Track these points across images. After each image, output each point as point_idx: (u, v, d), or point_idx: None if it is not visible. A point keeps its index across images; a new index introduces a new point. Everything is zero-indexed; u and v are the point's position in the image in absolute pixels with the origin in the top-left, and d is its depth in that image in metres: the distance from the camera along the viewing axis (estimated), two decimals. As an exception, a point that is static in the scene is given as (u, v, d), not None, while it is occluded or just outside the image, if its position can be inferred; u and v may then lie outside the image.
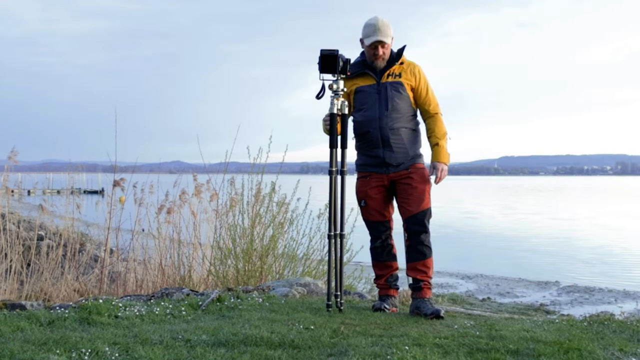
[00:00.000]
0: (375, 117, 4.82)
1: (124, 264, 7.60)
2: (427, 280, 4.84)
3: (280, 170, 7.89)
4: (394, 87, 4.82)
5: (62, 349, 3.44)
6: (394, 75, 4.84)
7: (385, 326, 4.29)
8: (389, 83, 4.83)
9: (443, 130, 4.91)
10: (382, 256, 4.99)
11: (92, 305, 4.47)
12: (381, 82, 4.84)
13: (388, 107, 4.80)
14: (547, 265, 15.80)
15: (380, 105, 4.82)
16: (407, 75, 4.85)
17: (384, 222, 4.97)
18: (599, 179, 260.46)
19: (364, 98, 4.87)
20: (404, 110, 4.84)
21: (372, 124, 4.83)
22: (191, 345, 3.61)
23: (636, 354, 3.66)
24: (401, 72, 4.86)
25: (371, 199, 4.93)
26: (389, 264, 5.00)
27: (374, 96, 4.84)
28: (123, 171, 8.43)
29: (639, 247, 20.00)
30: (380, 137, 4.83)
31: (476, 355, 3.54)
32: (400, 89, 4.82)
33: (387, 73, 4.84)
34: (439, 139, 4.88)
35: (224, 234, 7.33)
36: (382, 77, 4.84)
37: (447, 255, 17.52)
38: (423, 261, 4.84)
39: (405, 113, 4.85)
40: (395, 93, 4.81)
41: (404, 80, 4.84)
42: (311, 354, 3.54)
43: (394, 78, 4.84)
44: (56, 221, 9.28)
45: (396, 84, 4.82)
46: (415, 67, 4.90)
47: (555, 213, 37.13)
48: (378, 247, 4.99)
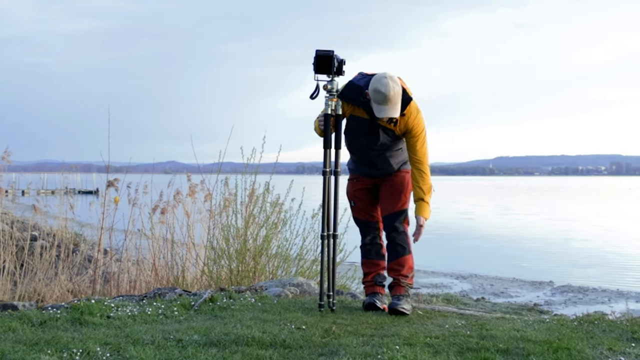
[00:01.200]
0: (362, 145, 4.91)
1: (118, 265, 7.60)
2: (399, 278, 4.93)
3: (274, 170, 7.90)
4: (385, 132, 4.82)
5: (54, 349, 3.45)
6: (389, 122, 4.77)
7: (377, 326, 4.30)
8: (381, 126, 4.80)
9: (429, 184, 4.86)
10: (371, 254, 5.06)
11: (84, 306, 4.47)
12: (374, 122, 4.80)
13: (377, 143, 4.85)
14: (542, 266, 15.83)
15: (369, 139, 4.85)
16: (401, 124, 4.78)
17: (371, 222, 5.07)
18: (594, 179, 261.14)
19: (356, 126, 4.89)
20: (391, 145, 4.90)
21: (360, 149, 4.95)
22: (183, 345, 3.62)
23: (625, 353, 3.69)
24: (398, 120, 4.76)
25: (359, 200, 5.08)
26: (376, 262, 5.05)
27: (364, 129, 4.84)
28: (118, 171, 8.44)
29: (633, 247, 20.06)
30: (367, 160, 4.98)
31: (466, 354, 3.55)
32: (390, 134, 4.83)
33: None
34: (425, 194, 4.83)
35: (218, 234, 7.34)
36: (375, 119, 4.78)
37: (442, 255, 17.55)
38: (397, 260, 4.93)
39: (392, 145, 4.91)
40: (385, 136, 4.83)
41: (398, 128, 4.80)
42: (302, 354, 3.56)
43: (387, 124, 4.79)
44: (50, 221, 9.28)
45: (388, 130, 4.81)
46: (411, 116, 4.78)
47: (550, 213, 37.19)
48: (367, 244, 5.07)
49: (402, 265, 4.93)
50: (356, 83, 4.78)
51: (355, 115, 4.84)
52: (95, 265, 7.33)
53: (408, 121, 4.77)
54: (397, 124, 4.78)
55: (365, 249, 5.08)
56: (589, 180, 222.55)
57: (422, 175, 4.84)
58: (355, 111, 4.84)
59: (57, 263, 7.23)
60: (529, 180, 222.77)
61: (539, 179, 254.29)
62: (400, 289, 4.92)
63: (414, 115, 4.78)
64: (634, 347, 3.81)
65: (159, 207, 7.83)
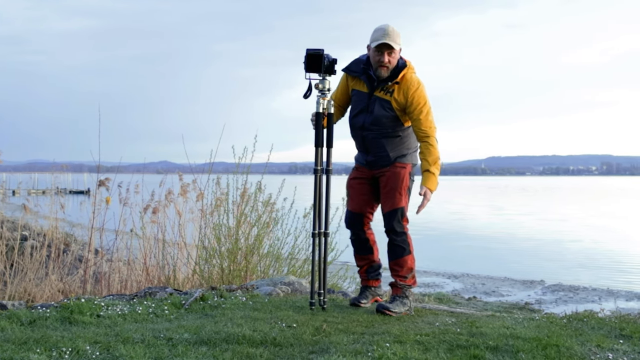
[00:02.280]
0: (359, 126, 4.86)
1: (109, 265, 7.58)
2: (396, 279, 4.86)
3: (266, 170, 7.90)
4: (381, 104, 4.76)
5: (43, 348, 3.44)
6: (386, 91, 4.75)
7: (368, 324, 4.31)
8: (378, 98, 4.77)
9: (435, 155, 4.76)
10: (357, 249, 5.05)
11: (74, 305, 4.46)
12: (372, 95, 4.80)
13: (372, 120, 4.79)
14: (533, 265, 15.91)
15: (365, 116, 4.82)
16: (398, 95, 4.74)
17: (358, 214, 4.97)
18: (585, 179, 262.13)
19: (356, 103, 4.89)
20: (387, 124, 4.80)
21: (357, 131, 4.90)
22: (173, 344, 3.62)
23: (613, 349, 3.71)
24: (394, 89, 4.74)
25: (353, 189, 5.03)
26: (365, 256, 5.03)
27: (362, 104, 4.83)
28: (109, 171, 8.42)
29: (624, 247, 20.16)
30: (363, 144, 4.91)
31: (456, 351, 3.57)
32: (386, 107, 4.76)
33: (381, 87, 4.76)
34: (431, 165, 4.74)
35: (209, 234, 7.33)
36: (374, 90, 4.78)
37: (434, 255, 17.59)
38: (395, 260, 4.87)
39: (388, 126, 4.81)
40: (380, 110, 4.76)
41: (394, 99, 4.74)
42: (293, 352, 3.57)
43: (384, 94, 4.76)
44: (40, 221, 9.24)
45: (384, 102, 4.76)
46: (410, 86, 4.73)
47: (542, 213, 37.34)
48: (354, 239, 5.06)
49: (401, 266, 4.86)
50: (361, 57, 4.88)
51: (356, 89, 4.88)
52: (86, 265, 7.32)
53: (407, 91, 4.71)
54: (394, 94, 4.72)
55: (353, 244, 5.08)
56: (580, 180, 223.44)
57: (429, 148, 4.74)
58: (356, 85, 4.88)
59: (47, 263, 7.21)
60: (521, 180, 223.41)
61: (530, 179, 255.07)
62: (397, 290, 4.87)
63: (414, 87, 4.72)
64: (621, 344, 3.83)
65: (151, 206, 7.81)
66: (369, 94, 4.80)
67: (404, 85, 4.73)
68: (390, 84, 4.73)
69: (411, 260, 4.89)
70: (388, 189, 4.85)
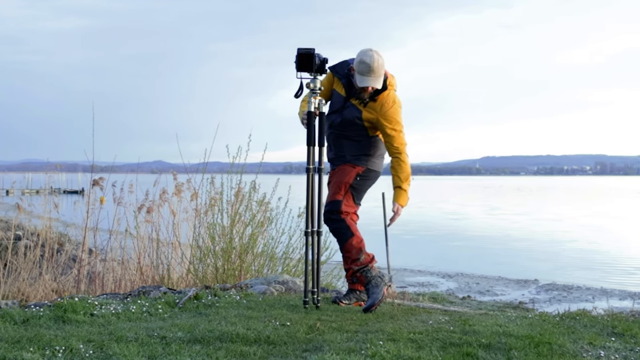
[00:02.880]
0: (329, 124, 5.01)
1: (103, 264, 7.57)
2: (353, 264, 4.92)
3: (260, 169, 7.90)
4: (352, 113, 4.93)
5: (36, 346, 3.44)
6: (361, 101, 4.90)
7: (361, 322, 4.32)
8: (352, 105, 4.93)
9: (407, 172, 4.94)
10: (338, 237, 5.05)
11: (67, 304, 4.46)
12: (348, 100, 4.95)
13: (339, 120, 4.96)
14: (527, 264, 15.95)
15: (336, 117, 4.98)
16: (372, 108, 4.88)
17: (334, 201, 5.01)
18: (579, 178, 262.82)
19: (333, 103, 5.05)
20: (352, 129, 4.97)
21: (328, 129, 5.03)
22: (166, 342, 3.62)
23: (605, 347, 3.73)
24: (369, 101, 4.88)
25: None
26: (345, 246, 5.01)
27: (338, 106, 5.00)
28: (103, 171, 8.41)
29: (617, 246, 20.22)
30: (328, 141, 5.05)
31: (449, 349, 3.58)
32: (356, 116, 4.92)
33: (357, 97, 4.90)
34: (402, 182, 4.91)
35: (204, 233, 7.33)
36: (351, 97, 4.93)
37: (429, 255, 17.63)
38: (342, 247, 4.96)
39: (352, 131, 4.97)
40: (350, 115, 4.93)
41: (367, 110, 4.89)
42: (286, 350, 3.57)
43: (359, 104, 4.91)
44: (34, 221, 9.22)
45: (356, 110, 4.92)
46: (385, 103, 4.87)
47: (537, 213, 37.42)
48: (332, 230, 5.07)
49: (349, 250, 4.92)
50: (348, 60, 4.98)
51: (336, 91, 5.01)
52: (80, 265, 7.31)
53: (382, 109, 4.86)
54: (368, 107, 4.87)
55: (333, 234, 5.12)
56: (574, 180, 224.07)
57: (400, 164, 4.90)
58: (337, 86, 5.00)
59: (41, 263, 7.20)
60: (515, 179, 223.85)
61: (524, 179, 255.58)
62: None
63: (390, 104, 4.87)
64: (613, 342, 3.85)
65: (145, 206, 7.81)
66: (345, 98, 4.96)
67: (378, 102, 4.87)
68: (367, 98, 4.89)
69: (356, 241, 4.92)
70: (332, 183, 5.01)
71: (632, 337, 3.97)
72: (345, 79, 4.94)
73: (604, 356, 3.54)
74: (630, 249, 19.41)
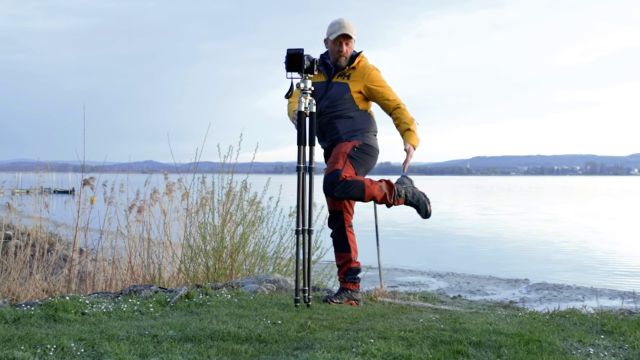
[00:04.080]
0: (318, 112, 4.99)
1: (93, 264, 7.56)
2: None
3: (252, 169, 7.90)
4: (338, 87, 5.02)
5: (27, 345, 3.43)
6: (343, 76, 5.03)
7: (352, 320, 4.34)
8: (336, 83, 5.04)
9: (410, 117, 5.05)
10: (335, 246, 5.18)
11: (58, 303, 4.45)
12: (330, 81, 5.05)
13: (327, 103, 5.01)
14: (517, 264, 16.00)
15: (322, 102, 5.03)
16: (355, 77, 5.02)
17: (335, 211, 5.13)
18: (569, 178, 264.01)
19: (315, 94, 5.01)
20: (341, 105, 5.01)
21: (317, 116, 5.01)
22: (158, 341, 3.62)
23: (594, 344, 3.76)
24: (351, 73, 5.03)
25: None
26: (341, 254, 5.14)
27: (321, 93, 5.05)
28: (94, 171, 8.39)
29: (608, 246, 20.32)
30: (319, 130, 5.07)
31: (439, 347, 3.60)
32: (343, 88, 5.00)
33: (338, 74, 5.05)
34: (408, 124, 5.02)
35: (195, 232, 7.33)
36: (332, 77, 5.06)
37: (420, 254, 17.67)
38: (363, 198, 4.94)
39: (342, 107, 5.02)
40: (336, 92, 5.00)
41: (352, 81, 5.01)
42: (277, 348, 3.58)
43: (342, 79, 5.03)
44: (24, 221, 9.20)
45: (341, 85, 5.01)
46: (366, 69, 5.04)
47: (528, 213, 37.53)
48: (333, 236, 5.19)
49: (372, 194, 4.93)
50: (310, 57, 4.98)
51: (316, 82, 5.02)
52: (71, 265, 7.29)
53: (365, 74, 5.00)
54: (352, 79, 4.99)
55: (332, 239, 5.21)
56: (565, 179, 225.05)
57: (402, 112, 5.04)
58: (315, 78, 5.02)
59: (31, 262, 7.18)
60: (506, 179, 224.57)
61: (515, 179, 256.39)
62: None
63: (370, 69, 5.05)
64: (602, 339, 3.88)
65: (136, 205, 7.80)
66: (327, 81, 5.06)
67: (360, 70, 5.03)
68: (347, 68, 5.02)
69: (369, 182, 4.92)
70: (331, 157, 4.99)
71: (621, 335, 4.00)
72: (322, 65, 5.05)
73: (593, 353, 3.57)
74: (620, 249, 19.51)
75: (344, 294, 5.12)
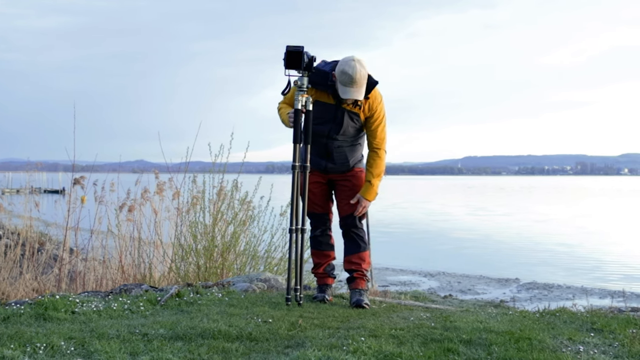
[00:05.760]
0: (324, 133, 4.94)
1: (84, 264, 7.53)
2: (361, 271, 5.07)
3: (243, 169, 7.89)
4: (350, 116, 4.89)
5: (17, 343, 3.42)
6: (354, 104, 4.86)
7: (343, 319, 4.34)
8: (347, 111, 4.88)
9: (381, 169, 5.03)
10: (321, 245, 5.17)
11: (48, 301, 4.43)
12: (340, 107, 4.87)
13: (340, 131, 4.92)
14: (508, 264, 16.06)
15: (333, 126, 4.91)
16: (365, 108, 4.90)
17: (323, 214, 5.15)
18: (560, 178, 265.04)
19: (319, 112, 4.88)
20: (352, 134, 5.00)
21: (321, 138, 4.95)
22: (148, 339, 3.62)
23: (584, 342, 3.78)
24: (362, 104, 4.87)
25: (311, 193, 5.05)
26: (326, 253, 5.18)
27: (329, 115, 4.89)
28: (84, 170, 8.36)
29: (598, 246, 20.41)
30: (325, 151, 5.00)
31: (430, 345, 3.61)
32: (355, 119, 4.91)
33: None
34: (374, 177, 5.01)
35: (186, 232, 7.31)
36: (342, 102, 4.86)
37: (411, 254, 17.70)
38: (358, 254, 5.08)
39: (353, 136, 5.01)
40: (349, 121, 4.91)
41: (362, 112, 4.90)
42: (268, 346, 3.58)
43: (353, 107, 4.87)
44: (14, 220, 9.16)
45: (353, 114, 4.89)
46: (375, 100, 4.90)
47: (519, 213, 37.65)
48: (317, 236, 5.18)
49: (363, 260, 5.10)
50: (321, 69, 4.85)
51: (320, 101, 4.87)
52: (61, 264, 7.26)
53: (373, 105, 4.89)
54: (362, 108, 4.88)
55: (317, 240, 5.19)
56: (556, 179, 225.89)
57: (376, 159, 5.01)
58: (320, 97, 4.88)
59: (21, 262, 7.14)
60: (497, 179, 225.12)
61: (506, 179, 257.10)
62: (362, 283, 5.06)
63: (378, 100, 4.92)
64: (592, 337, 3.90)
65: (127, 205, 7.77)
66: (335, 105, 4.88)
67: (370, 99, 4.89)
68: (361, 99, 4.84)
69: (369, 256, 5.19)
70: (354, 191, 5.04)
71: (610, 333, 4.02)
72: (331, 89, 4.83)
73: (583, 351, 3.58)
74: (610, 249, 19.60)
75: (329, 289, 5.21)
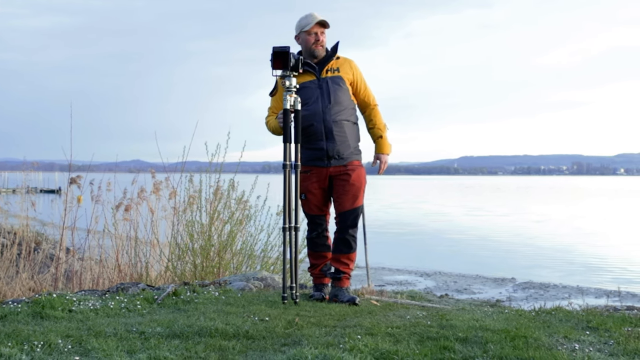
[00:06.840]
0: (318, 111, 4.97)
1: (80, 263, 7.53)
2: (348, 272, 5.14)
3: (239, 168, 7.90)
4: (335, 82, 5.01)
5: (14, 342, 3.43)
6: (332, 70, 5.03)
7: (340, 317, 4.36)
8: (329, 78, 5.01)
9: (383, 122, 5.24)
10: (318, 247, 5.20)
11: (45, 300, 4.44)
12: (321, 78, 5.02)
13: (330, 100, 4.98)
14: (504, 263, 16.08)
15: (323, 99, 4.98)
16: (344, 70, 5.07)
17: (321, 216, 5.18)
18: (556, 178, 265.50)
19: (306, 94, 4.97)
20: (345, 103, 5.04)
21: (316, 117, 4.97)
22: (145, 337, 3.62)
23: (580, 340, 3.80)
24: (339, 67, 5.06)
25: (311, 194, 5.09)
26: (323, 254, 5.20)
27: (316, 91, 4.99)
28: (80, 170, 8.35)
29: (594, 245, 20.44)
30: (323, 130, 4.99)
31: (426, 343, 3.62)
32: (340, 83, 5.02)
33: (326, 69, 5.03)
34: (382, 131, 5.20)
35: (182, 231, 7.32)
36: (321, 73, 5.02)
37: (407, 253, 17.72)
38: (347, 254, 5.12)
39: (347, 106, 5.06)
40: (336, 87, 5.00)
41: (343, 74, 5.05)
42: (265, 344, 3.59)
43: (333, 73, 5.03)
44: (11, 220, 9.14)
45: (336, 79, 5.02)
46: (350, 62, 5.12)
47: (516, 214, 37.68)
48: (314, 238, 5.20)
49: (352, 260, 5.18)
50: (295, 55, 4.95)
51: (304, 83, 4.98)
52: (57, 263, 7.26)
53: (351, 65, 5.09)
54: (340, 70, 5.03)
55: (313, 242, 5.21)
56: (552, 179, 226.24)
57: (377, 115, 5.21)
58: (303, 79, 4.98)
59: (18, 261, 7.14)
60: (494, 179, 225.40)
61: (502, 179, 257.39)
62: (347, 282, 5.15)
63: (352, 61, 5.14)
64: (588, 335, 3.92)
65: (123, 204, 7.77)
66: (317, 79, 5.00)
67: (344, 61, 5.09)
68: (333, 60, 5.04)
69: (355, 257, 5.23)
70: (353, 187, 5.06)
71: (606, 331, 4.04)
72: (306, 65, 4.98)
73: (578, 349, 3.60)
74: (606, 249, 19.64)
75: (325, 288, 5.22)
